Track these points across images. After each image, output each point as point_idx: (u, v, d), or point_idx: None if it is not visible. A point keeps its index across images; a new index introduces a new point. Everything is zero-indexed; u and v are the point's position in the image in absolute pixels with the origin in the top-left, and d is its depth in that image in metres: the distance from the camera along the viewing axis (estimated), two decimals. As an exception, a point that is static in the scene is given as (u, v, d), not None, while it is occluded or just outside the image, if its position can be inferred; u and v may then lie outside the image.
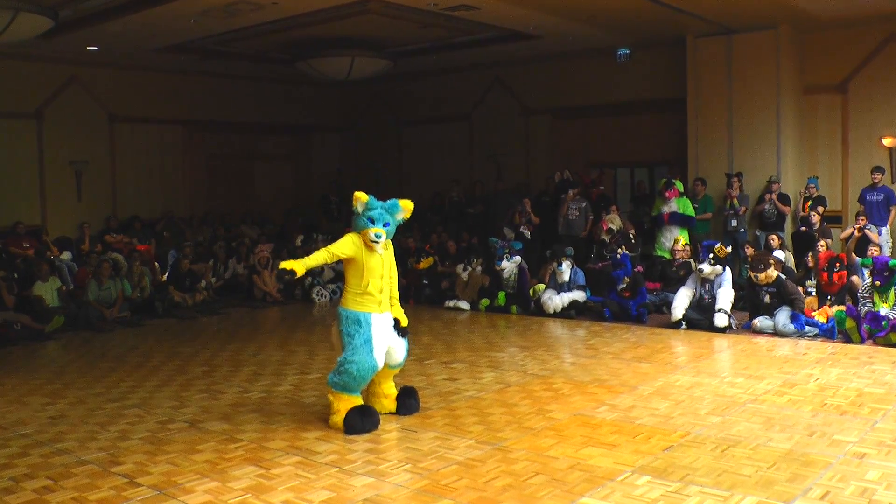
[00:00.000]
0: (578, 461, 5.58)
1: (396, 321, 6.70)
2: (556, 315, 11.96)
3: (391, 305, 6.70)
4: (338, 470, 5.54)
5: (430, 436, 6.26)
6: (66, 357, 10.41)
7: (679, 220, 13.53)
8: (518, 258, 12.74)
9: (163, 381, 8.49)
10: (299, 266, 6.33)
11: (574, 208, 14.64)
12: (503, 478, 5.31)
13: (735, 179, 13.99)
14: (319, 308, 14.08)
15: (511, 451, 5.85)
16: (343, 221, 18.85)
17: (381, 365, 6.49)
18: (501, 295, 12.66)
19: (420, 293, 14.02)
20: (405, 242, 15.56)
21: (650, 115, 16.22)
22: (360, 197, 6.41)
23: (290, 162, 20.65)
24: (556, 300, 12.02)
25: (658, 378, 8.02)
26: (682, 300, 10.81)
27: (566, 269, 12.14)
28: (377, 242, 6.43)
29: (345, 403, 6.45)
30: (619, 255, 11.95)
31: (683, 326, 10.68)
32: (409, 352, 6.98)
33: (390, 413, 6.84)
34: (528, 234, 14.68)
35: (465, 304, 13.04)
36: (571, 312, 11.91)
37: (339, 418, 6.45)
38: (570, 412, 6.83)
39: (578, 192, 14.89)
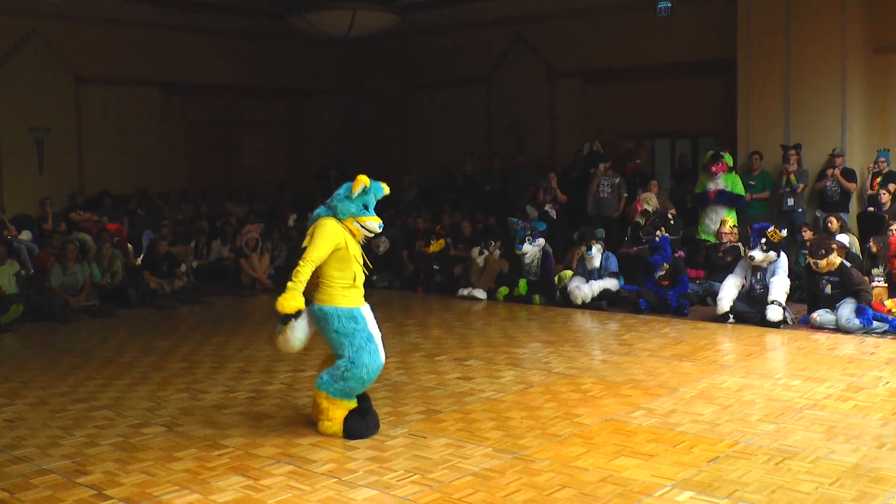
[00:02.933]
0: (610, 473, 5.54)
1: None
2: (584, 306, 11.93)
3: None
4: (336, 481, 5.52)
5: (442, 442, 6.24)
6: (25, 351, 10.42)
7: (727, 198, 13.46)
8: (541, 241, 12.71)
9: (136, 379, 8.48)
10: (298, 297, 6.25)
11: (605, 185, 14.59)
12: (524, 491, 5.28)
13: (792, 152, 13.89)
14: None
15: (533, 460, 5.82)
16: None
17: (384, 361, 6.51)
18: (522, 283, 12.64)
19: (430, 280, 14.02)
20: (413, 223, 15.58)
21: (694, 78, 16.11)
22: (364, 181, 6.33)
23: (282, 130, 20.64)
24: (585, 289, 11.98)
25: (702, 379, 7.97)
26: (729, 290, 10.75)
27: (596, 254, 12.10)
28: (373, 234, 6.49)
29: (342, 410, 6.45)
30: (657, 239, 11.92)
31: (731, 320, 10.64)
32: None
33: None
34: (553, 213, 14.65)
35: (480, 293, 13.02)
36: (602, 303, 11.89)
37: (335, 426, 6.43)
38: (601, 417, 6.80)
39: (610, 167, 14.84)
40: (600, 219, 14.27)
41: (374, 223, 6.45)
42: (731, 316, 10.66)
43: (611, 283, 12.05)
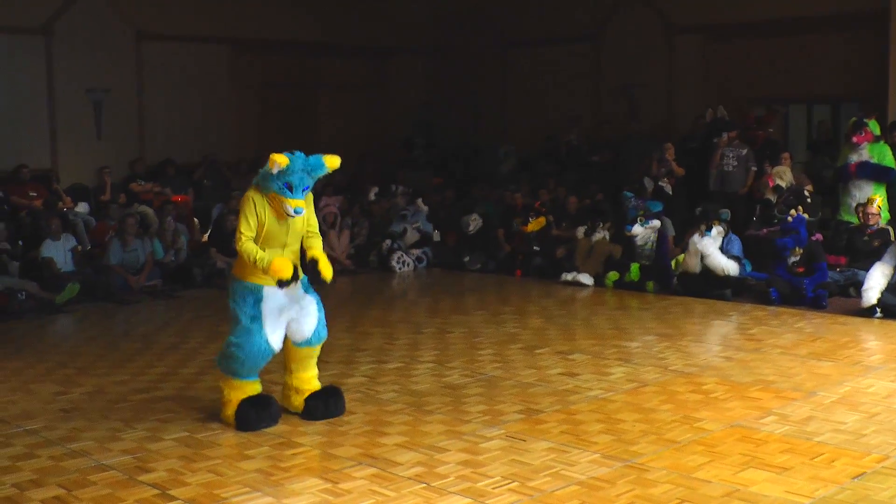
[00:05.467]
0: (737, 487, 5.48)
1: (313, 261, 6.77)
2: (704, 295, 11.79)
3: (315, 253, 6.83)
4: (424, 487, 5.54)
5: (543, 446, 6.23)
6: (81, 335, 10.69)
7: (872, 172, 13.12)
8: (656, 223, 12.59)
9: (202, 367, 8.64)
10: (287, 262, 6.57)
11: (731, 157, 14.37)
12: (638, 505, 5.27)
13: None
14: (400, 279, 14.16)
15: (648, 469, 5.79)
16: (431, 169, 18.89)
17: (275, 348, 6.74)
18: (634, 267, 12.53)
19: (528, 263, 13.99)
20: (510, 198, 15.55)
21: (836, 34, 15.74)
22: (279, 161, 6.44)
23: (362, 93, 20.72)
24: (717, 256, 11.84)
25: (843, 382, 7.84)
26: (876, 280, 10.52)
27: (716, 237, 11.90)
28: (297, 216, 6.67)
29: (237, 392, 6.78)
30: (790, 219, 11.73)
31: (878, 314, 10.42)
32: (326, 324, 7.03)
33: (296, 414, 6.95)
34: (668, 189, 14.48)
35: (586, 279, 12.94)
36: (726, 292, 11.72)
37: (230, 411, 6.76)
38: (726, 422, 6.73)
39: (737, 136, 14.60)
40: (724, 195, 14.03)
41: (290, 206, 6.56)
42: (878, 309, 10.43)
43: (733, 269, 11.86)
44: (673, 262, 12.56)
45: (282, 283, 6.55)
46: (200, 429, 6.76)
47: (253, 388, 6.85)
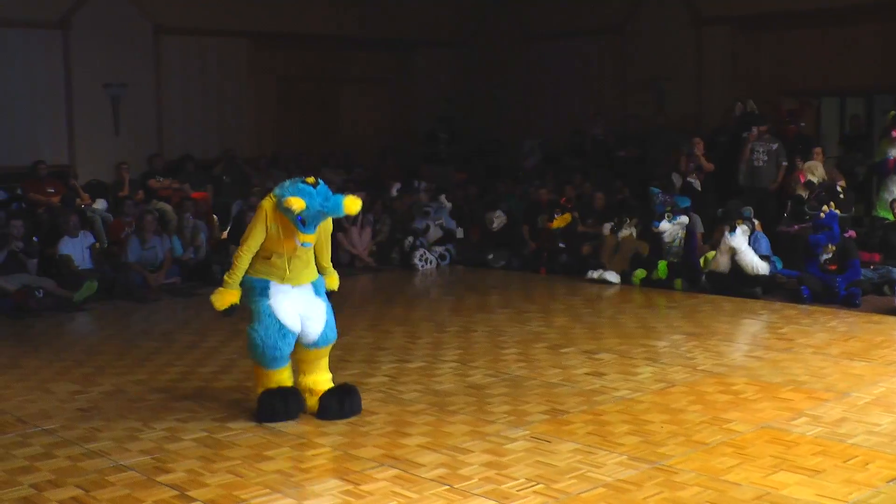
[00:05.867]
0: (768, 490, 5.47)
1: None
2: (734, 293, 11.75)
3: (323, 272, 7.34)
4: (447, 489, 5.54)
5: (569, 448, 6.22)
6: (99, 333, 10.75)
7: (910, 168, 13.08)
8: (684, 219, 12.57)
9: (222, 366, 8.69)
10: (232, 292, 6.95)
11: (761, 151, 14.31)
12: (666, 508, 5.26)
13: None
14: (423, 277, 14.16)
15: (676, 471, 5.77)
16: (454, 164, 18.89)
17: (294, 329, 6.94)
18: (662, 265, 12.49)
19: (554, 260, 13.96)
20: (535, 193, 15.52)
21: (870, 24, 15.63)
22: (295, 206, 6.61)
23: (385, 87, 20.73)
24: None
25: (878, 382, 7.81)
26: (911, 277, 10.48)
27: (741, 236, 11.84)
28: (304, 249, 6.97)
29: (263, 380, 7.05)
30: (822, 216, 11.66)
31: (913, 313, 10.37)
32: (334, 328, 7.24)
33: (312, 415, 7.07)
34: (697, 184, 14.43)
35: (613, 276, 12.91)
36: (756, 290, 11.67)
37: (257, 400, 7.10)
38: (756, 423, 6.72)
39: (767, 130, 14.53)
40: (754, 191, 14.00)
41: (299, 240, 6.84)
42: (912, 308, 10.39)
43: (763, 266, 11.81)
44: (701, 260, 12.50)
45: (217, 308, 6.96)
46: (220, 429, 6.78)
47: (279, 377, 7.03)
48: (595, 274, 13.08)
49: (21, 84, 15.89)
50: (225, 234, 15.08)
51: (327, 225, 7.15)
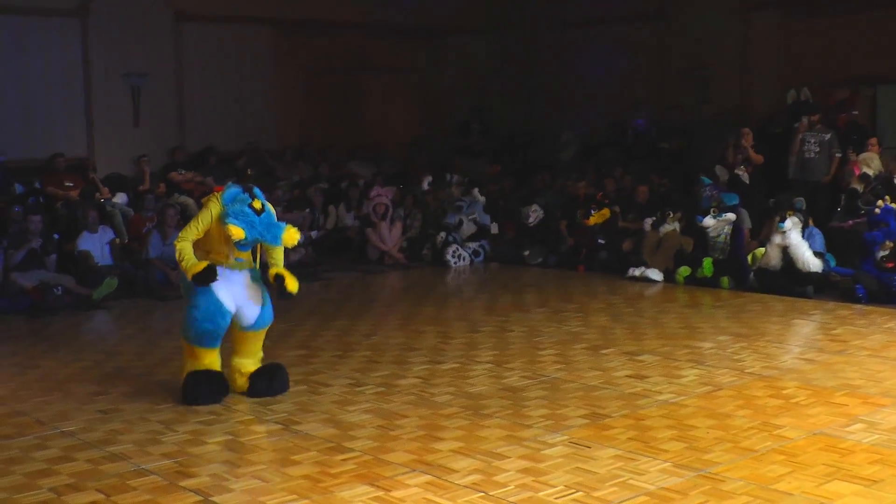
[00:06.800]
0: (821, 500, 5.43)
1: (280, 279, 7.53)
2: (784, 292, 11.69)
3: (279, 270, 7.62)
4: (482, 496, 5.53)
5: (609, 454, 6.20)
6: (119, 332, 10.80)
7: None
8: (731, 216, 12.50)
9: (246, 367, 8.68)
10: (197, 265, 7.36)
11: (812, 142, 14.23)
12: (714, 517, 5.24)
13: None
14: (456, 274, 14.16)
15: (723, 480, 5.74)
16: (487, 157, 18.88)
17: (230, 309, 7.48)
18: (707, 262, 12.44)
19: (593, 257, 13.93)
20: (573, 187, 15.49)
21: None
22: (235, 234, 7.16)
23: (415, 77, 20.75)
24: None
25: (938, 386, 7.77)
26: (973, 276, 10.40)
27: (793, 229, 11.77)
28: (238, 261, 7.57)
29: (192, 361, 7.57)
30: (878, 210, 11.63)
31: (974, 313, 10.29)
32: (271, 312, 7.78)
33: (243, 394, 7.66)
34: (745, 178, 14.36)
35: (655, 274, 12.88)
36: (808, 289, 11.61)
37: (182, 379, 7.62)
38: (808, 430, 6.67)
39: (819, 120, 14.43)
40: (805, 185, 13.90)
41: (233, 254, 7.50)
42: (974, 308, 10.31)
43: (815, 264, 11.74)
44: (749, 257, 12.46)
45: (197, 279, 7.30)
46: (244, 432, 6.82)
47: (209, 359, 7.60)
48: (636, 271, 13.04)
49: (38, 74, 16.01)
50: (248, 230, 15.12)
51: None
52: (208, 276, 7.29)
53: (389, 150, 19.50)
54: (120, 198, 15.09)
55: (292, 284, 7.54)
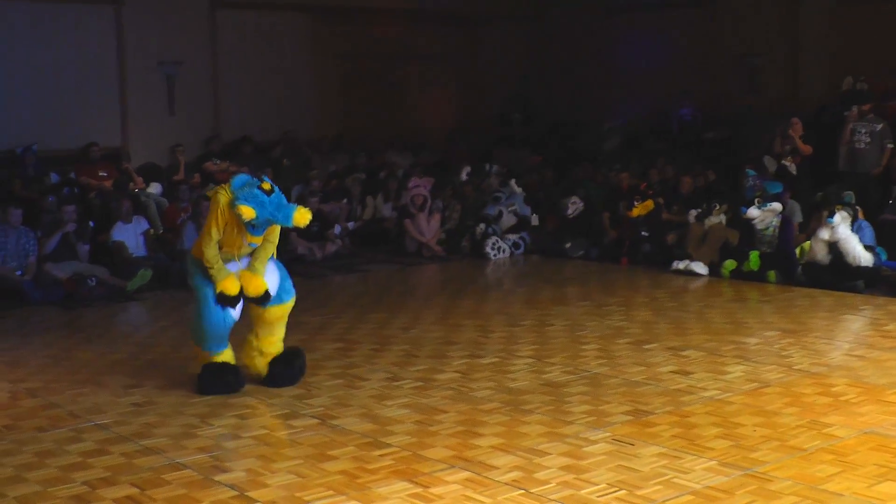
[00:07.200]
0: (872, 502, 5.40)
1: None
2: (833, 287, 11.61)
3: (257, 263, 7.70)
4: (522, 493, 5.53)
5: (653, 451, 6.18)
6: (153, 324, 10.88)
7: None
8: (776, 206, 12.43)
9: (282, 360, 8.71)
10: (228, 278, 7.53)
11: (863, 132, 14.11)
12: (761, 517, 5.21)
13: None
14: (495, 267, 14.15)
15: (771, 479, 5.71)
16: (529, 146, 18.85)
17: (234, 317, 7.60)
18: (754, 255, 12.37)
19: (636, 250, 13.88)
20: (615, 178, 15.44)
21: None
22: (245, 214, 7.20)
23: (454, 65, 20.73)
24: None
25: None
26: None
27: (841, 223, 11.69)
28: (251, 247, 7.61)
29: (203, 359, 7.71)
30: (931, 203, 11.51)
31: None
32: (290, 290, 7.96)
33: (262, 383, 7.80)
34: (793, 169, 14.27)
35: (700, 267, 12.82)
36: (858, 283, 11.52)
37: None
38: (859, 428, 6.62)
39: (870, 109, 14.30)
40: (855, 176, 13.80)
41: (246, 239, 7.54)
42: None
43: (865, 258, 11.66)
44: (797, 250, 12.38)
45: (223, 299, 7.44)
46: (280, 426, 6.84)
47: (222, 357, 7.73)
48: (681, 265, 12.99)
49: (72, 62, 16.14)
50: (284, 221, 15.16)
51: (275, 229, 7.68)
52: (231, 300, 7.46)
53: (428, 139, 19.49)
54: (154, 188, 15.19)
55: (254, 287, 7.54)
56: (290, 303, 7.89)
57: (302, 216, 7.31)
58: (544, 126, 19.83)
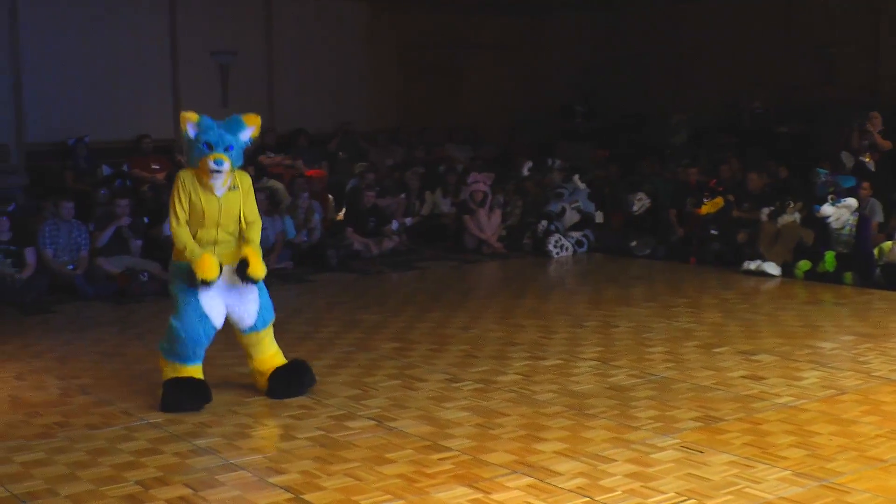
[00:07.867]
0: (956, 514, 5.34)
1: (243, 262, 7.35)
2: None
3: (246, 251, 7.41)
4: (587, 501, 5.51)
5: (724, 459, 6.14)
6: (206, 321, 10.97)
7: None
8: (851, 202, 12.33)
9: (338, 360, 8.78)
10: (204, 258, 7.21)
11: (945, 127, 13.96)
12: (838, 530, 5.17)
13: None
14: (558, 265, 14.12)
15: (849, 491, 5.65)
16: (594, 140, 18.80)
17: (216, 324, 7.45)
18: (830, 256, 12.26)
19: (705, 249, 13.79)
20: (683, 174, 15.37)
21: None
22: (189, 117, 7.20)
23: (516, 55, 20.72)
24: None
25: None
26: None
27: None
28: (219, 172, 7.20)
29: (170, 371, 7.45)
30: None
31: None
32: (272, 308, 7.75)
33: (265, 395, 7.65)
34: (871, 165, 14.13)
35: (772, 268, 12.73)
36: (940, 286, 11.43)
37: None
38: (942, 438, 6.55)
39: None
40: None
41: (212, 161, 7.13)
42: None
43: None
44: (876, 251, 12.26)
45: (204, 283, 7.21)
46: (336, 427, 6.86)
47: (192, 371, 7.48)
48: (752, 265, 12.91)
49: (125, 53, 16.32)
50: (340, 216, 15.25)
51: (237, 205, 7.41)
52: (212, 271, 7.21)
53: (488, 132, 19.50)
54: (207, 180, 15.28)
55: (256, 270, 7.36)
56: (271, 322, 7.75)
57: (252, 119, 7.40)
58: (609, 119, 19.78)
